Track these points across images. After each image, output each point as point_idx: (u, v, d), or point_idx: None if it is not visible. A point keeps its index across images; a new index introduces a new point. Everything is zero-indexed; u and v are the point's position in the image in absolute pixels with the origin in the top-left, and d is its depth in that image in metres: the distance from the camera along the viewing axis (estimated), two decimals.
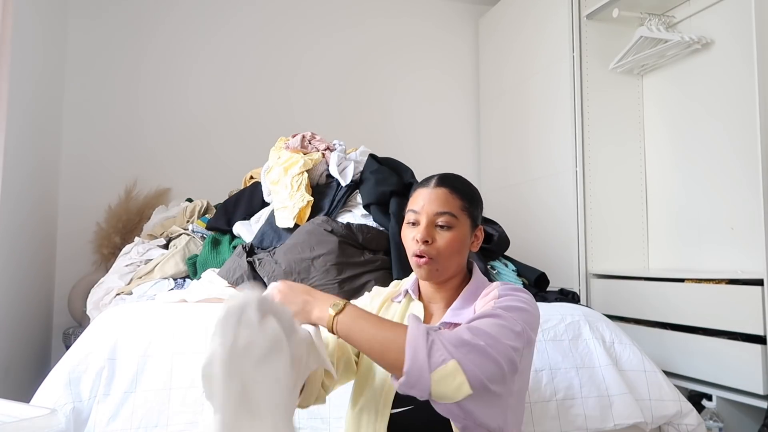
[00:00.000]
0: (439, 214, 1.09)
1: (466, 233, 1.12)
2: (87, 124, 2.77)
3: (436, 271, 1.09)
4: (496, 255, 2.01)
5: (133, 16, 2.89)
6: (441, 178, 1.14)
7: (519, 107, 3.01)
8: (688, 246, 2.36)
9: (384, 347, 0.91)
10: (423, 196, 1.12)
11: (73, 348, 1.37)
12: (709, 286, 1.99)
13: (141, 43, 2.89)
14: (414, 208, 1.12)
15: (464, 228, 1.11)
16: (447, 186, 1.12)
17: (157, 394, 1.30)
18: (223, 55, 3.01)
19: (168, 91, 2.91)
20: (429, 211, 1.10)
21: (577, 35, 2.57)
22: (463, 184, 1.16)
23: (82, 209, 2.70)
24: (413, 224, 1.12)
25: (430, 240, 1.08)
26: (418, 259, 1.09)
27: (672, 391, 1.53)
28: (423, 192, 1.13)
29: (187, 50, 2.96)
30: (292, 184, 1.92)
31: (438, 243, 1.08)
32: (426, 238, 1.08)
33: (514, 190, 3.02)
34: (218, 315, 0.81)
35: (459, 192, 1.12)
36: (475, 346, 0.88)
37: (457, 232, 1.09)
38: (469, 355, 0.87)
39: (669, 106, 2.49)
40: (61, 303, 2.59)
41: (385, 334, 0.92)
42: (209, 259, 1.89)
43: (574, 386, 1.48)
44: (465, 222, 1.11)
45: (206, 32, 3.00)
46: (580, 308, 1.71)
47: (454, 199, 1.11)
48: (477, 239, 1.16)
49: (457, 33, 3.44)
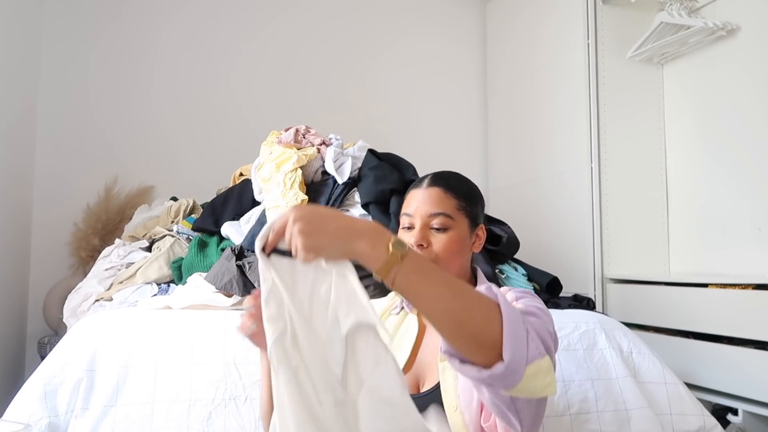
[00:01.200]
0: (433, 215, 1.10)
1: (465, 234, 1.12)
2: (64, 117, 2.77)
3: None
4: (505, 258, 2.01)
5: (113, 5, 2.88)
6: (433, 177, 1.15)
7: (529, 99, 3.01)
8: (712, 248, 2.36)
9: (471, 322, 0.77)
10: (416, 197, 1.13)
11: (48, 358, 1.37)
12: (734, 292, 1.99)
13: (122, 30, 2.89)
14: (407, 212, 1.12)
15: (462, 228, 1.11)
16: (440, 185, 1.12)
17: (139, 408, 1.31)
18: (210, 43, 3.01)
19: (152, 81, 2.91)
20: (422, 213, 1.10)
21: (593, 21, 2.57)
22: (458, 181, 1.16)
23: (59, 208, 2.69)
24: (408, 229, 1.12)
25: (425, 243, 1.08)
26: None
27: (694, 404, 1.53)
28: (416, 193, 1.13)
29: (172, 38, 2.96)
30: (285, 181, 1.92)
31: (434, 246, 1.09)
32: (420, 241, 1.08)
33: (524, 187, 3.02)
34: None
35: (453, 190, 1.12)
36: (549, 342, 0.85)
37: (454, 233, 1.10)
38: (549, 349, 0.84)
39: (691, 98, 2.49)
40: (35, 309, 2.59)
41: (473, 304, 0.78)
42: (195, 262, 1.89)
43: (589, 399, 1.48)
44: (462, 222, 1.12)
45: (192, 17, 2.99)
46: (595, 315, 1.71)
47: (448, 198, 1.11)
48: (479, 239, 1.16)
49: (463, 19, 3.44)
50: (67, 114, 2.78)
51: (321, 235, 0.76)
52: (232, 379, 1.37)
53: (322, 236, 0.76)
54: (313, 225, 0.76)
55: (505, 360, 0.76)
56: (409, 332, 1.15)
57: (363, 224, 0.79)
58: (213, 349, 1.41)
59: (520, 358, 0.76)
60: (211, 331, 1.45)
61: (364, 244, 0.76)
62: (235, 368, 1.39)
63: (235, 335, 1.44)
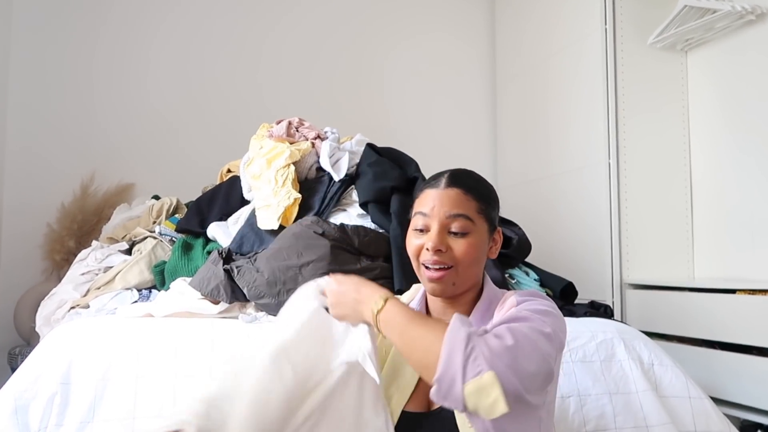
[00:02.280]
0: (452, 216, 1.09)
1: (484, 239, 1.12)
2: (35, 110, 2.77)
3: (452, 285, 1.10)
4: (516, 262, 2.01)
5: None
6: (452, 176, 1.14)
7: (542, 89, 3.01)
8: (740, 252, 2.36)
9: (418, 348, 0.94)
10: (432, 197, 1.12)
11: (20, 371, 1.37)
12: (764, 298, 1.99)
13: (97, 21, 2.89)
14: (423, 210, 1.12)
15: (482, 233, 1.12)
16: (460, 186, 1.12)
17: (118, 425, 1.30)
18: (192, 31, 3.02)
19: (130, 73, 2.91)
20: (441, 215, 1.10)
21: (611, 4, 2.58)
22: (478, 182, 1.16)
23: (30, 208, 2.70)
24: (422, 231, 1.12)
25: (443, 248, 1.08)
26: (430, 272, 1.09)
27: (721, 420, 1.53)
28: (432, 193, 1.12)
29: (151, 27, 2.96)
30: (277, 178, 1.92)
31: (454, 252, 1.09)
32: (439, 246, 1.08)
33: (536, 185, 3.02)
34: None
35: (474, 192, 1.12)
36: (517, 353, 0.88)
37: (474, 238, 1.10)
38: (512, 364, 0.87)
39: (718, 87, 2.49)
40: (5, 318, 2.59)
41: (423, 333, 0.95)
42: (179, 266, 1.89)
43: (606, 415, 1.48)
44: (482, 226, 1.12)
45: (171, 6, 3.00)
46: (613, 324, 1.71)
47: (468, 200, 1.11)
48: (495, 244, 1.17)
49: (470, 10, 3.44)
50: (40, 107, 2.78)
51: (342, 307, 1.09)
52: None
53: (343, 308, 1.08)
54: (336, 299, 1.09)
55: (435, 378, 0.88)
56: None
57: (365, 293, 1.06)
58: (198, 360, 1.41)
59: (452, 376, 0.86)
60: (197, 341, 1.45)
61: (365, 308, 1.05)
62: None
63: (222, 345, 1.44)
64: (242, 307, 1.69)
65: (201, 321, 1.58)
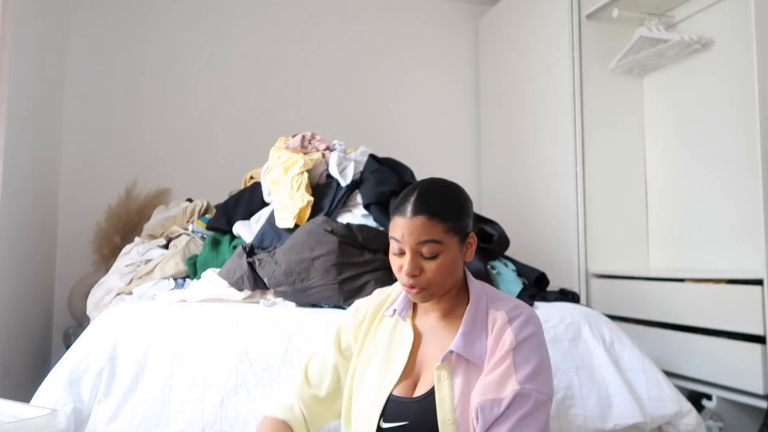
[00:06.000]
0: (421, 243, 1.03)
1: (456, 252, 1.07)
2: (87, 124, 2.77)
3: (430, 296, 1.08)
4: (497, 255, 2.01)
5: (135, 14, 2.89)
6: (416, 204, 1.04)
7: (519, 107, 3.01)
8: (689, 246, 2.36)
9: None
10: (401, 225, 1.05)
11: (73, 348, 1.38)
12: (709, 286, 1.99)
13: (143, 41, 2.89)
14: (395, 237, 1.06)
15: (452, 248, 1.06)
16: (425, 212, 1.03)
17: (157, 395, 1.31)
18: (224, 56, 3.01)
19: (169, 90, 2.91)
20: (411, 242, 1.03)
21: (577, 35, 2.57)
22: (444, 201, 1.06)
23: (83, 209, 2.69)
24: (399, 255, 1.07)
25: (417, 272, 1.04)
26: (410, 288, 1.07)
27: (672, 391, 1.53)
28: (400, 222, 1.05)
29: (189, 49, 2.96)
30: (292, 184, 1.92)
31: (427, 274, 1.05)
32: (413, 272, 1.04)
33: (515, 190, 3.02)
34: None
35: (439, 216, 1.04)
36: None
37: (445, 257, 1.05)
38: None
39: (669, 106, 2.49)
40: (61, 303, 2.59)
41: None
42: (209, 259, 1.89)
43: (573, 386, 1.48)
44: (452, 242, 1.05)
45: (208, 32, 3.00)
46: (580, 308, 1.71)
47: (434, 224, 1.03)
48: (470, 247, 1.11)
49: (458, 33, 3.44)
50: (91, 120, 2.78)
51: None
52: (244, 367, 1.37)
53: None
54: None
55: None
56: (405, 340, 1.13)
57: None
58: (226, 339, 1.41)
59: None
60: (224, 323, 1.45)
61: None
62: (247, 357, 1.39)
63: (246, 326, 1.45)
64: (263, 293, 1.70)
65: (228, 305, 1.58)
